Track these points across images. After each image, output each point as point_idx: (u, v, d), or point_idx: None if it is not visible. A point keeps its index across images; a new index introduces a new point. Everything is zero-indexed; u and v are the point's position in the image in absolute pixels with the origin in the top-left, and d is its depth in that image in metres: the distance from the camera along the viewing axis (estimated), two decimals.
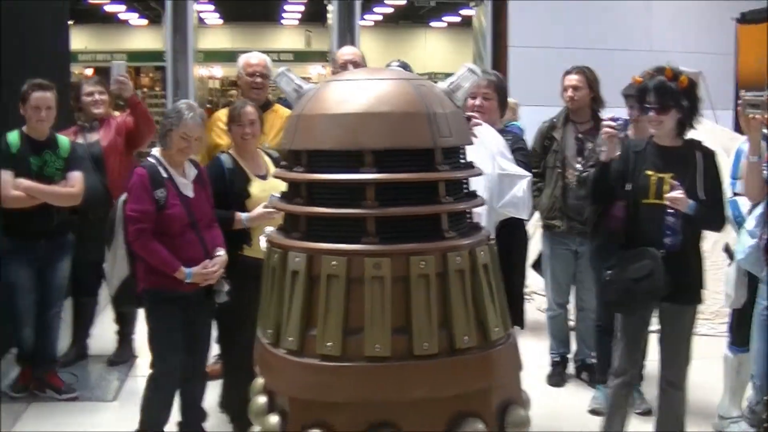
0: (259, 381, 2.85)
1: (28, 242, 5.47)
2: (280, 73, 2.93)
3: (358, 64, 5.82)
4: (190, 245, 4.49)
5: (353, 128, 2.59)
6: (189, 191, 4.55)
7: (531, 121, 6.53)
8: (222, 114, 5.58)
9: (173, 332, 4.51)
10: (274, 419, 2.67)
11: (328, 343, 2.57)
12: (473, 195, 2.84)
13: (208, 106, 20.38)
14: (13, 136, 5.39)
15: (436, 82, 2.87)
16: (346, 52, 6.10)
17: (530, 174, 4.32)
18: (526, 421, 2.75)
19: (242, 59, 5.79)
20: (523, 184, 4.16)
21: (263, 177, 4.84)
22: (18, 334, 5.63)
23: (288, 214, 2.79)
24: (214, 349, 5.10)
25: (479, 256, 2.67)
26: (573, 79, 5.84)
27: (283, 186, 2.87)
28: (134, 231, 4.41)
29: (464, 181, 2.81)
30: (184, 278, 4.43)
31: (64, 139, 5.60)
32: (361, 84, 2.71)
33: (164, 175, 4.49)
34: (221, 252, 4.57)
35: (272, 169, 4.73)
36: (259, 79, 5.67)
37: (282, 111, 5.65)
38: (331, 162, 2.63)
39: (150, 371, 4.60)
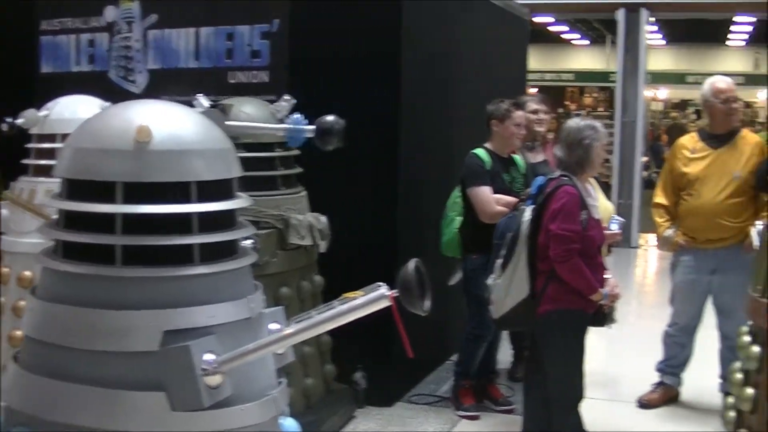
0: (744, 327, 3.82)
1: None
2: None
3: None
4: (600, 267, 4.40)
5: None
6: (596, 212, 4.45)
7: None
8: (686, 140, 5.45)
9: (581, 355, 4.48)
10: (755, 349, 3.66)
11: None
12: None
13: (650, 128, 20.24)
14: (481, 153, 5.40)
15: None
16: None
17: None
18: None
19: (709, 84, 5.45)
20: None
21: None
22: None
23: None
24: None
25: None
26: None
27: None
28: (565, 251, 4.29)
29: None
30: (600, 299, 4.36)
31: (517, 158, 5.60)
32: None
33: (584, 195, 4.39)
34: (609, 274, 4.49)
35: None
36: (734, 105, 5.36)
37: (750, 137, 5.40)
38: None
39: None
